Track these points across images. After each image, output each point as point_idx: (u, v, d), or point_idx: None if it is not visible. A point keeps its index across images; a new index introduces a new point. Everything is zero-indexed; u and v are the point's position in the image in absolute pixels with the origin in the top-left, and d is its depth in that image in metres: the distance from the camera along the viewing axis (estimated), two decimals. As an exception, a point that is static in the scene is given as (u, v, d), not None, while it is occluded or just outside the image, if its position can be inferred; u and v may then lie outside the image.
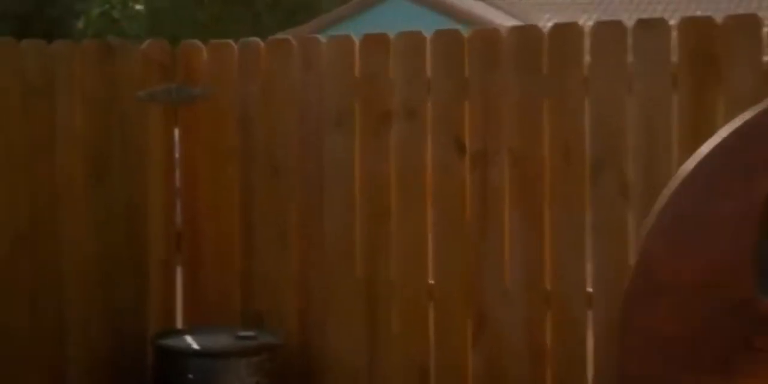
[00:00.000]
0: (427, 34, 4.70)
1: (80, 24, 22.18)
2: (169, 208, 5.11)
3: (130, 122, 5.06)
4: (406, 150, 4.69)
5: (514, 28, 4.56)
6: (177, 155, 5.14)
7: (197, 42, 5.17)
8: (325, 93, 4.87)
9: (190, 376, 4.43)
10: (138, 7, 21.95)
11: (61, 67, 5.00)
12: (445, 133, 4.61)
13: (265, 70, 5.01)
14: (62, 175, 4.99)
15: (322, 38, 4.94)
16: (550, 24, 5.32)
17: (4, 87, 4.94)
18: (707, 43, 4.22)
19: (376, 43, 4.80)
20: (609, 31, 4.36)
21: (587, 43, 4.36)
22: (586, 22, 18.17)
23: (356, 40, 4.86)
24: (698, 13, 19.04)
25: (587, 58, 4.36)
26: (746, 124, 3.29)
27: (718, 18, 4.28)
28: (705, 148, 3.34)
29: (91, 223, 5.02)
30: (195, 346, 4.54)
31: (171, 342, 4.60)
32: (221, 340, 4.62)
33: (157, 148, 5.08)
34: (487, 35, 4.60)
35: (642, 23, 4.35)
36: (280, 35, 5.68)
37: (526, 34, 4.53)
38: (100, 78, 5.04)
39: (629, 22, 4.46)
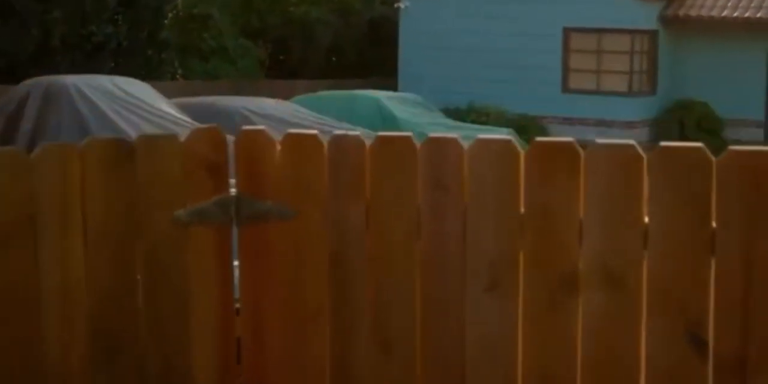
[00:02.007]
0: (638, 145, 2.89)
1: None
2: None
3: (163, 258, 3.36)
4: (602, 339, 3.03)
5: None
6: (237, 306, 3.44)
7: (265, 132, 3.33)
8: (468, 232, 3.14)
9: None
10: None
11: (46, 185, 3.23)
12: (671, 316, 2.96)
13: (373, 180, 3.22)
14: (50, 358, 3.30)
15: (462, 141, 3.08)
16: None
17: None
18: None
19: (554, 154, 3.04)
20: None
21: None
22: None
23: (520, 148, 3.00)
24: None
25: None
26: None
27: None
28: None
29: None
30: None
31: None
32: None
33: (205, 295, 3.39)
34: (751, 160, 2.86)
35: None
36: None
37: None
38: (113, 196, 3.27)
39: None
